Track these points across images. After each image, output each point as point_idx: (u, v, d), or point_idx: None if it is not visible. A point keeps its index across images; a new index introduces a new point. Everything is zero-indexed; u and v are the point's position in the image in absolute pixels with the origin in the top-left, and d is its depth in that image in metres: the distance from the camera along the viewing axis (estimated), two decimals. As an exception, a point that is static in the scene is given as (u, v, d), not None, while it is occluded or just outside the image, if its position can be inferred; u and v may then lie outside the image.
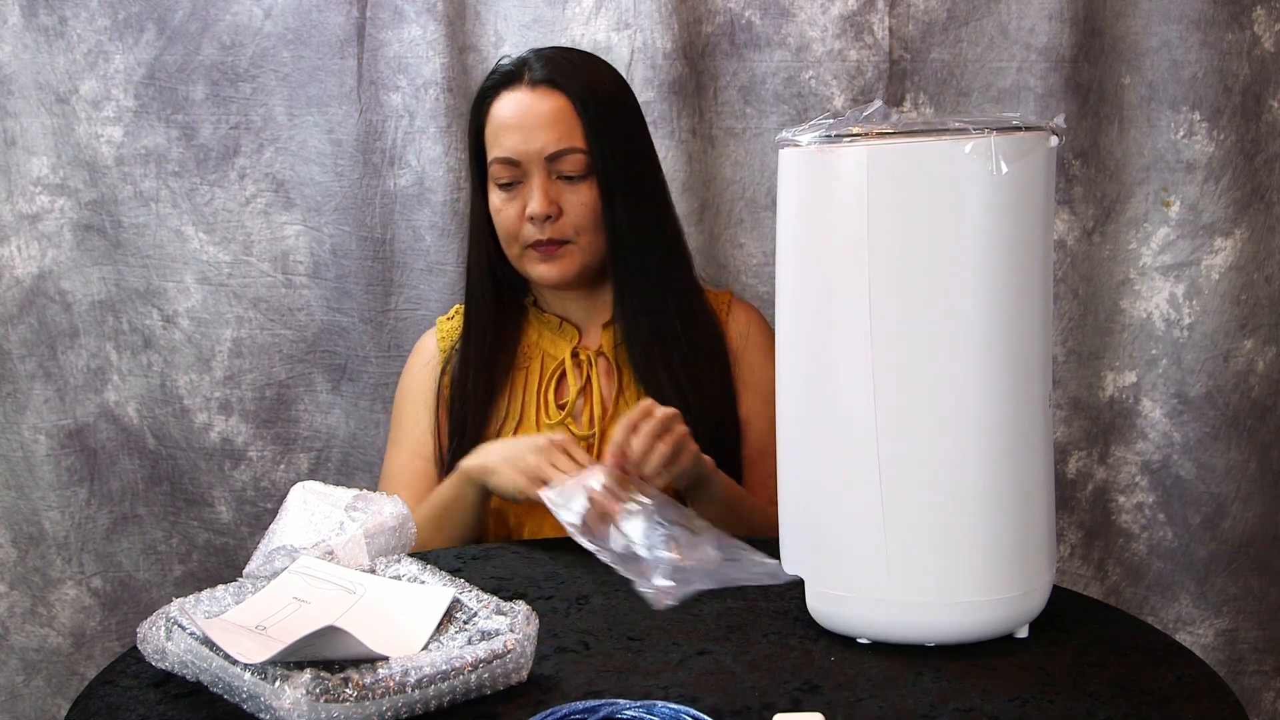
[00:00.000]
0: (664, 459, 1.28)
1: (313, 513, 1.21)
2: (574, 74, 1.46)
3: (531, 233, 1.45)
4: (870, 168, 0.96)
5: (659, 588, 1.14)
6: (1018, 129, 0.96)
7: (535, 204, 1.43)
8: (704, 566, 1.19)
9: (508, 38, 1.81)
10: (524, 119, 1.44)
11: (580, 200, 1.45)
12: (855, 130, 0.97)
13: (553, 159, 1.44)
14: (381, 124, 1.82)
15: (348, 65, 1.81)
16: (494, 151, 1.45)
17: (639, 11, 1.78)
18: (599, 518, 1.21)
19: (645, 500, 1.23)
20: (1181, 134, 1.81)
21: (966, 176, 0.95)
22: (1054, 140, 0.99)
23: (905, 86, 1.82)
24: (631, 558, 1.21)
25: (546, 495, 1.24)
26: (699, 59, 1.82)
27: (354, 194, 1.83)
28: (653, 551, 1.19)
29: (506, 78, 1.46)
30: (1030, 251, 0.98)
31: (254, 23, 1.81)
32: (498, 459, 1.35)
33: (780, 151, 1.02)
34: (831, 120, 0.98)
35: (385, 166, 1.82)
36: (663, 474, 1.29)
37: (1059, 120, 0.99)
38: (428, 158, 1.81)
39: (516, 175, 1.45)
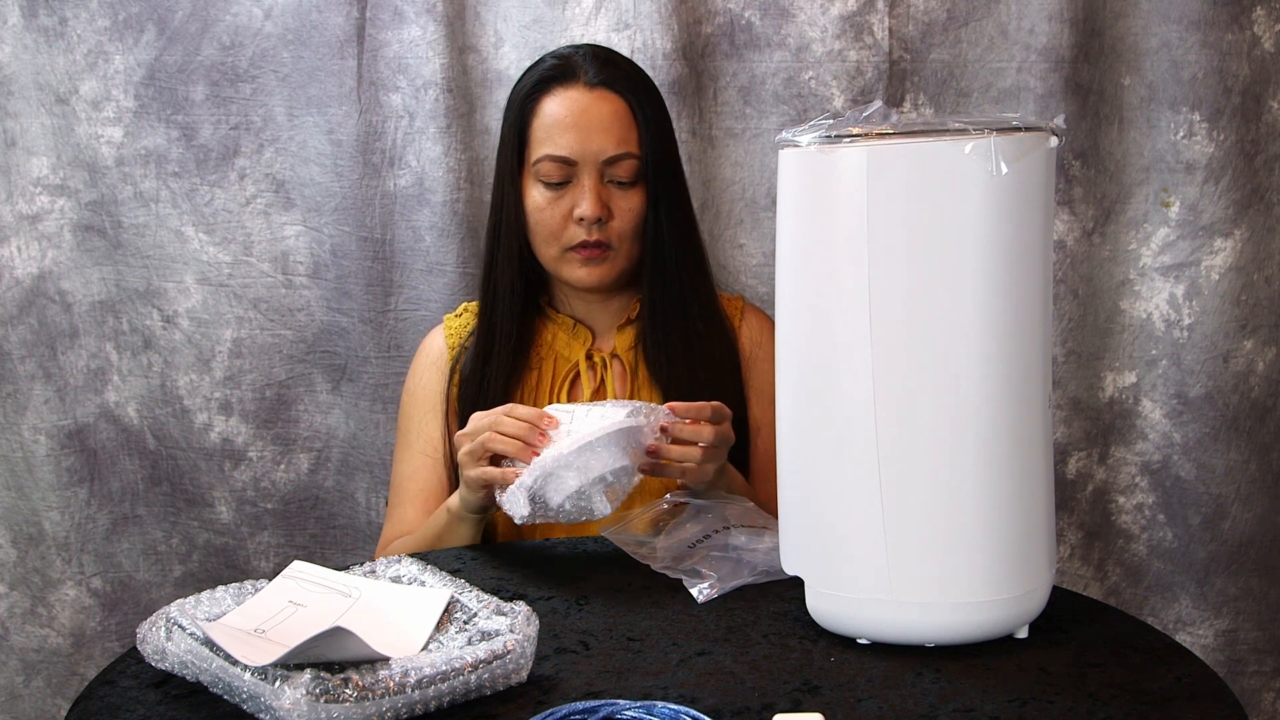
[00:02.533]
0: (705, 441, 1.28)
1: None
2: (629, 79, 1.47)
3: (577, 234, 1.44)
4: (870, 168, 0.96)
5: (704, 586, 1.15)
6: (1018, 129, 0.96)
7: (587, 206, 1.43)
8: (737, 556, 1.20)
9: (508, 38, 1.81)
10: (583, 119, 1.43)
11: (629, 206, 1.45)
12: (855, 130, 0.97)
13: (609, 163, 1.43)
14: (381, 124, 1.82)
15: (348, 65, 1.81)
16: (544, 149, 1.44)
17: (639, 12, 1.78)
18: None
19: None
20: (1181, 134, 1.81)
21: (966, 176, 0.95)
22: (1054, 141, 0.99)
23: (905, 87, 1.82)
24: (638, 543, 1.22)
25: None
26: (699, 59, 1.82)
27: (354, 194, 1.83)
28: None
29: (558, 74, 1.45)
30: (1030, 252, 0.98)
31: (254, 23, 1.82)
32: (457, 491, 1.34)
33: (780, 152, 1.02)
34: (831, 120, 0.98)
35: (385, 167, 1.82)
36: (691, 469, 1.29)
37: (1059, 120, 0.99)
38: (428, 158, 1.81)
39: (567, 175, 1.44)
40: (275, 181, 1.85)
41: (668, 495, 1.32)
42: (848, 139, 0.97)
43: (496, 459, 1.26)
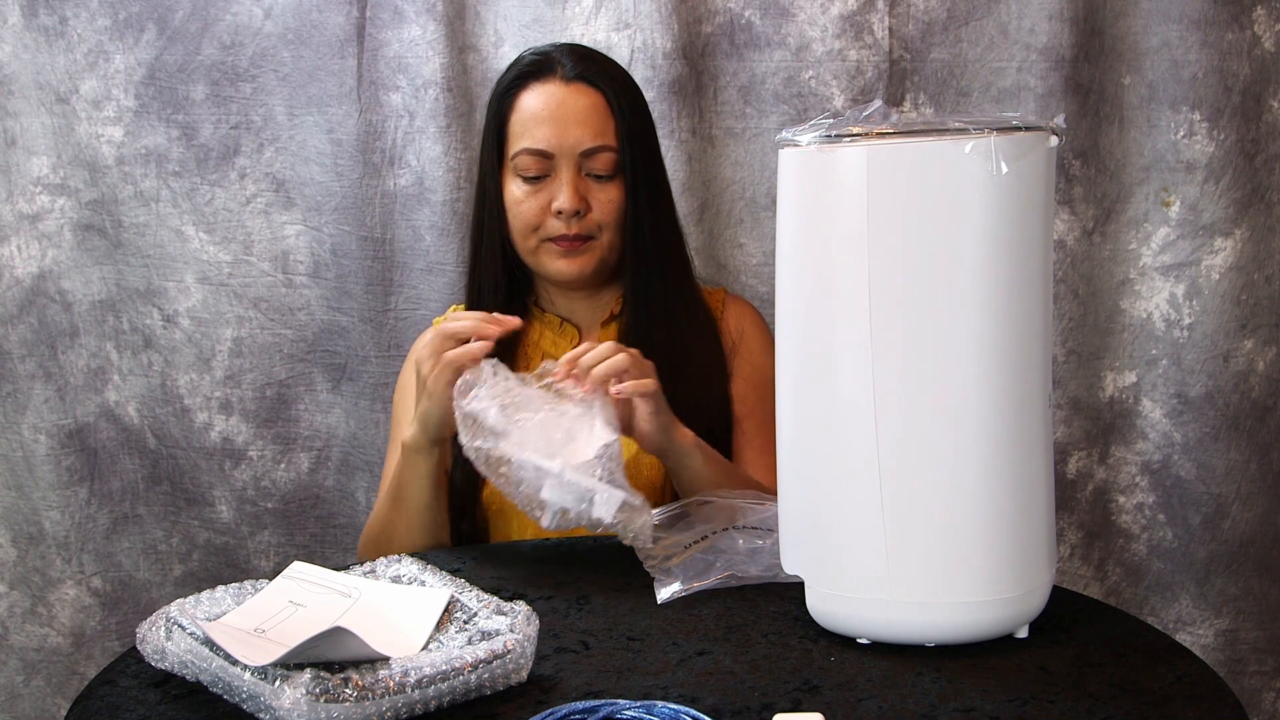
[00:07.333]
0: (612, 365, 1.26)
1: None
2: (606, 73, 1.47)
3: (555, 227, 1.45)
4: (870, 168, 0.95)
5: (667, 589, 1.15)
6: (1018, 129, 0.96)
7: (565, 199, 1.43)
8: (721, 558, 1.20)
9: (508, 38, 1.81)
10: (559, 112, 1.43)
11: (608, 198, 1.45)
12: (855, 130, 0.97)
13: (586, 155, 1.44)
14: (381, 124, 1.82)
15: (348, 65, 1.81)
16: (523, 142, 1.44)
17: (639, 11, 1.78)
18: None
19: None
20: (1181, 134, 1.81)
21: (966, 176, 0.95)
22: (1054, 140, 0.99)
23: (905, 86, 1.82)
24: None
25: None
26: (699, 59, 1.82)
27: (354, 194, 1.83)
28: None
29: (536, 69, 1.46)
30: (1030, 251, 0.98)
31: (254, 23, 1.82)
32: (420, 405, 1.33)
33: (780, 151, 1.02)
34: (831, 120, 0.98)
35: (385, 166, 1.82)
36: (620, 408, 1.28)
37: (1059, 120, 0.99)
38: (428, 158, 1.81)
39: (545, 168, 1.44)
40: (275, 181, 1.85)
41: (696, 495, 1.32)
42: (848, 139, 0.97)
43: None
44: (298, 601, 1.06)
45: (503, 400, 1.22)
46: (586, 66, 1.46)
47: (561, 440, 1.20)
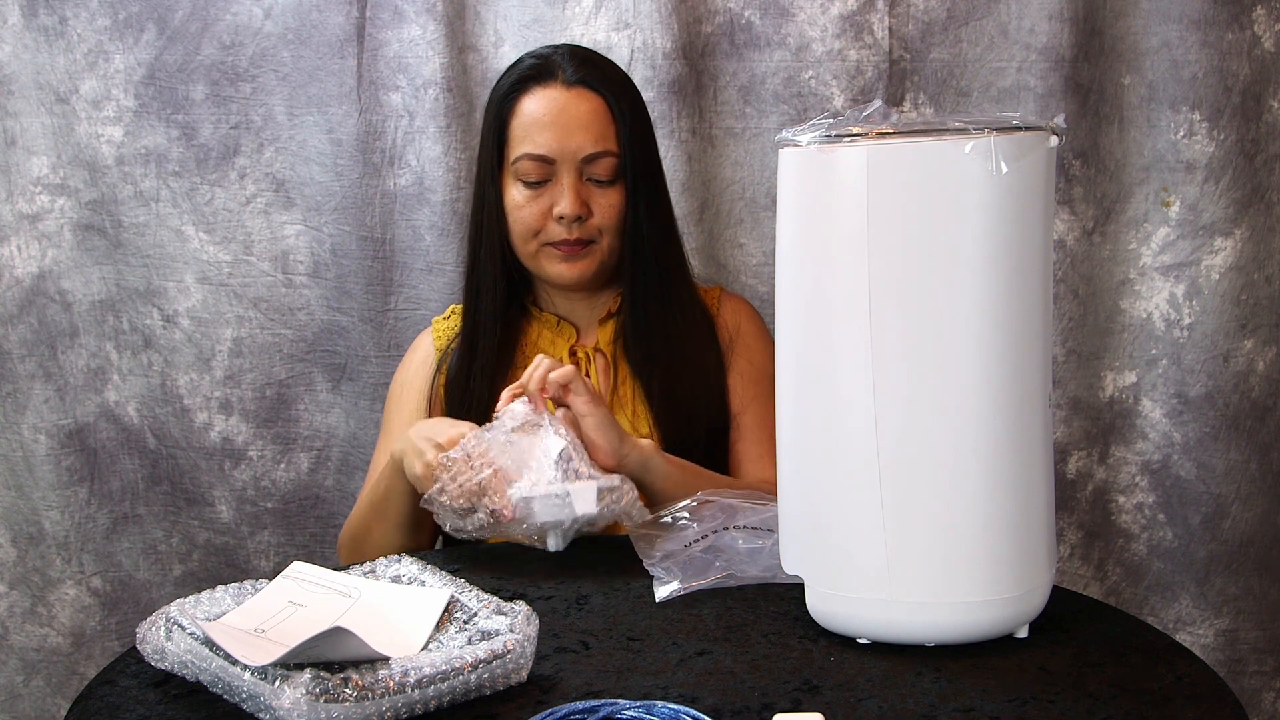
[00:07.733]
0: (543, 370, 1.30)
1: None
2: (607, 77, 1.47)
3: (557, 232, 1.45)
4: (870, 168, 0.95)
5: (666, 583, 1.15)
6: (1018, 129, 0.96)
7: (567, 204, 1.43)
8: (719, 557, 1.20)
9: (508, 38, 1.81)
10: (561, 118, 1.43)
11: (609, 203, 1.46)
12: (855, 130, 0.97)
13: (587, 160, 1.44)
14: (381, 124, 1.82)
15: (348, 65, 1.81)
16: (523, 147, 1.44)
17: (639, 11, 1.78)
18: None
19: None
20: (1181, 134, 1.81)
21: (966, 176, 0.95)
22: (1054, 140, 0.99)
23: (905, 86, 1.82)
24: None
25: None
26: (699, 59, 1.82)
27: (354, 194, 1.83)
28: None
29: (536, 73, 1.46)
30: (1030, 251, 0.98)
31: (254, 23, 1.82)
32: (409, 443, 1.33)
33: (780, 151, 1.02)
34: (831, 120, 0.98)
35: (385, 166, 1.82)
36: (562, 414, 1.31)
37: (1059, 120, 0.99)
38: (427, 158, 1.81)
39: (546, 173, 1.44)
40: (275, 181, 1.85)
41: (699, 493, 1.32)
42: (848, 138, 0.97)
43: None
44: (298, 601, 1.06)
45: (458, 471, 1.25)
46: (588, 71, 1.46)
47: (524, 466, 1.25)
